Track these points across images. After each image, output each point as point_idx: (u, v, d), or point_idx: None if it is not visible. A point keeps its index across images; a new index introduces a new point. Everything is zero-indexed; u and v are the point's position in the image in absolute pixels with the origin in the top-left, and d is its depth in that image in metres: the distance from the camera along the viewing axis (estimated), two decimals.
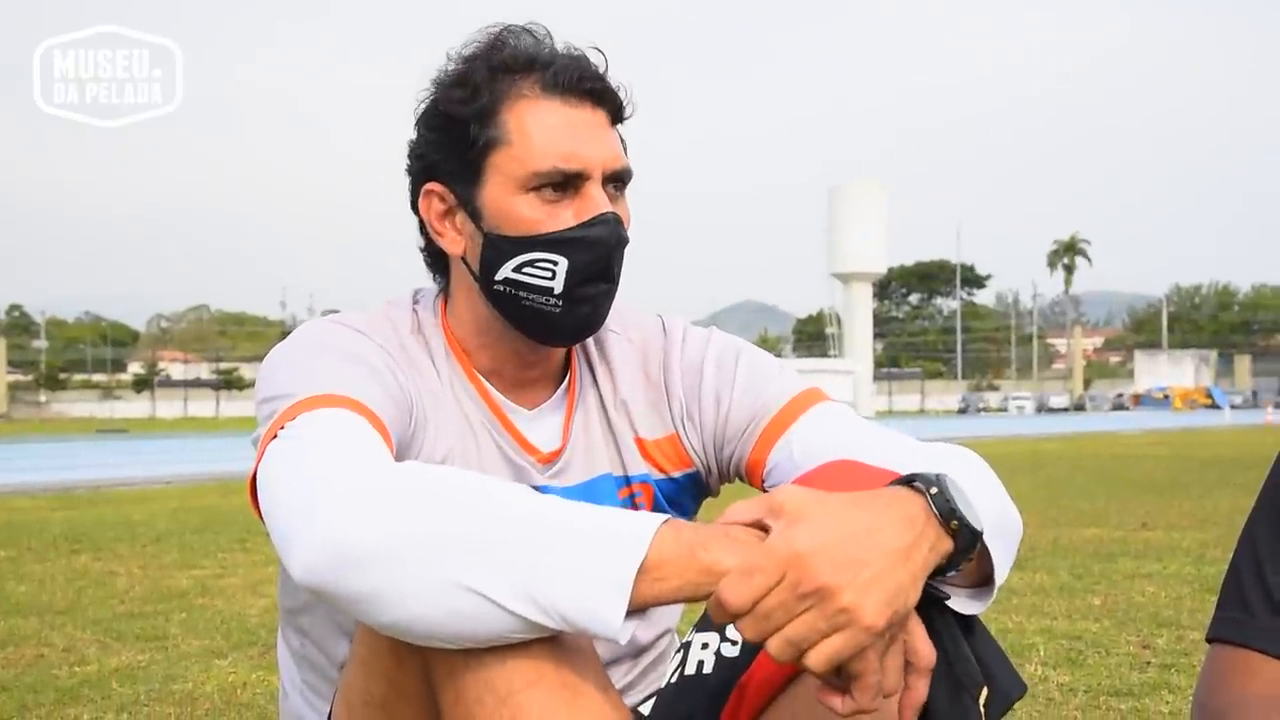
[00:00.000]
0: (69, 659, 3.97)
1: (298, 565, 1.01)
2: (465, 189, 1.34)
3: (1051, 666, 3.57)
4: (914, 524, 1.01)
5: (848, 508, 0.99)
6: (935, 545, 1.02)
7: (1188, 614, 4.37)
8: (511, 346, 1.39)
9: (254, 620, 4.64)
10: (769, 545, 0.96)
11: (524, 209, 1.31)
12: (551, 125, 1.31)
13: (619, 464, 1.42)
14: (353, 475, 1.04)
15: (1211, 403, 70.07)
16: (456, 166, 1.34)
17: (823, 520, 0.98)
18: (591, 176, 1.32)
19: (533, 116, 1.32)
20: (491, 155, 1.32)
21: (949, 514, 1.03)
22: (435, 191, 1.37)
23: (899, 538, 0.99)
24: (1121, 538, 6.84)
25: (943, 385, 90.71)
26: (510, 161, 1.31)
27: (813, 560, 0.95)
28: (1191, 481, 11.31)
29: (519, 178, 1.31)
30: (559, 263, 1.31)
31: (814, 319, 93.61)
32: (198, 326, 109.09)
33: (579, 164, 1.31)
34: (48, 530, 8.11)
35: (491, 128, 1.32)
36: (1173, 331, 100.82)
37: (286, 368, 1.26)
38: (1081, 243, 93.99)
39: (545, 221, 1.31)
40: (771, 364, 1.45)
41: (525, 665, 1.00)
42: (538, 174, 1.30)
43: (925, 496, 1.03)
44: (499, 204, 1.32)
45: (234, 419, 60.16)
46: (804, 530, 0.97)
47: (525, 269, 1.32)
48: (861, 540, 0.97)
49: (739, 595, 0.96)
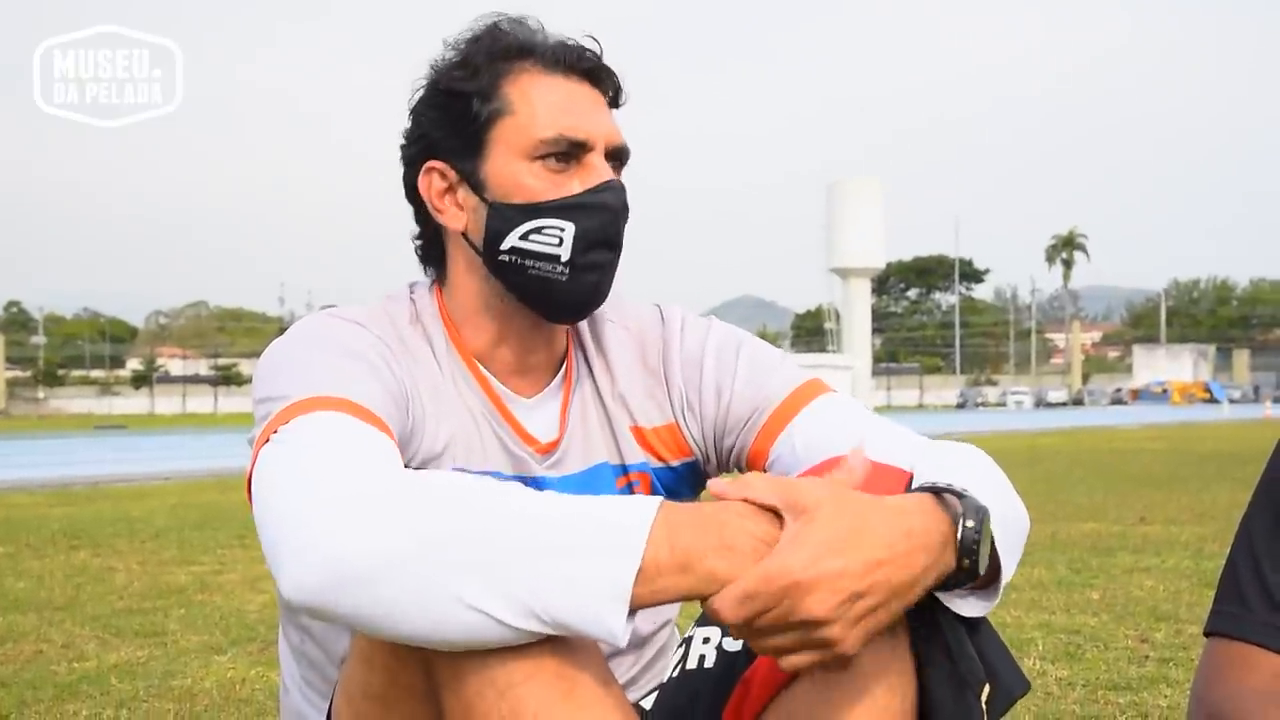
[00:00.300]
0: (68, 655, 3.97)
1: (287, 584, 1.00)
2: (468, 163, 1.35)
3: (1050, 661, 3.58)
4: (929, 552, 1.01)
5: (865, 527, 0.99)
6: (942, 572, 1.03)
7: (1186, 608, 4.38)
8: (513, 327, 1.39)
9: (253, 616, 4.64)
10: (768, 571, 0.97)
11: (529, 178, 1.32)
12: (554, 98, 1.33)
13: (616, 453, 1.42)
14: (344, 489, 1.03)
15: (1210, 397, 70.13)
16: (458, 142, 1.35)
17: (832, 539, 0.98)
18: (595, 147, 1.34)
19: (535, 89, 1.33)
20: (494, 127, 1.33)
21: (968, 552, 1.03)
22: (436, 169, 1.37)
23: (906, 569, 1.00)
24: (1120, 532, 6.84)
25: (941, 380, 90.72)
26: (514, 132, 1.32)
27: (810, 593, 0.96)
28: (1190, 476, 11.32)
29: (524, 146, 1.32)
30: (566, 229, 1.32)
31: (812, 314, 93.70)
32: (196, 323, 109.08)
33: (583, 134, 1.33)
34: (46, 526, 8.10)
35: (494, 101, 1.33)
36: (1171, 326, 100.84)
37: (283, 366, 1.25)
38: (1080, 237, 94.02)
39: (551, 190, 1.32)
40: (773, 355, 1.45)
41: (524, 659, 1.00)
42: (543, 141, 1.32)
43: (955, 524, 1.04)
44: (504, 174, 1.33)
45: (232, 415, 60.12)
46: (810, 551, 0.97)
47: (532, 235, 1.32)
48: (868, 572, 0.98)
49: (735, 615, 0.98)
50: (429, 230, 1.42)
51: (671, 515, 1.00)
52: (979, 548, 1.03)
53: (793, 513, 1.00)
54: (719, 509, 1.02)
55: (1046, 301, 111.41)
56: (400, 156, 1.42)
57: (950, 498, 1.05)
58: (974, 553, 1.03)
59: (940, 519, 1.03)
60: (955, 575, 1.05)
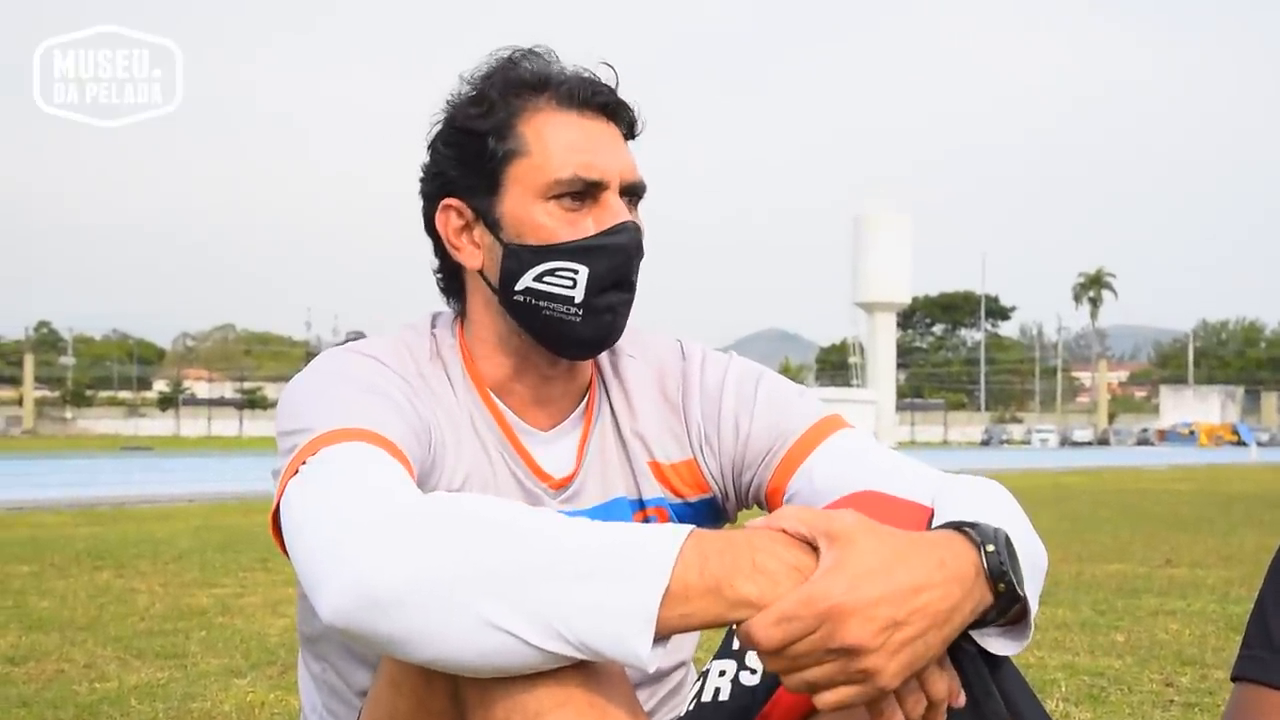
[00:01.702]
0: (89, 675, 3.99)
1: (326, 608, 1.02)
2: (483, 202, 1.35)
3: (1074, 703, 3.54)
4: (963, 583, 1.01)
5: (900, 556, 0.99)
6: (978, 605, 1.03)
7: (1212, 652, 4.33)
8: (531, 361, 1.39)
9: (274, 640, 4.65)
10: (809, 594, 0.96)
11: (544, 218, 1.32)
12: (569, 137, 1.33)
13: (634, 488, 1.42)
14: (374, 514, 1.04)
15: (1238, 440, 69.43)
16: (474, 180, 1.36)
17: (872, 567, 0.97)
18: (610, 186, 1.33)
19: (550, 128, 1.33)
20: (510, 167, 1.33)
21: (1000, 575, 1.03)
22: (453, 207, 1.38)
23: (945, 599, 0.99)
24: (1145, 574, 6.77)
25: (966, 417, 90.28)
26: (530, 171, 1.33)
27: (851, 618, 0.95)
28: (1217, 518, 11.20)
29: (539, 186, 1.32)
30: (580, 271, 1.32)
31: (837, 348, 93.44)
32: (223, 346, 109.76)
33: (598, 173, 1.32)
34: (71, 546, 8.15)
35: (509, 140, 1.33)
36: (1199, 367, 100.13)
37: (305, 400, 1.26)
38: (1108, 276, 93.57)
39: (565, 230, 1.32)
40: (791, 390, 1.45)
41: (554, 686, 1.00)
42: (558, 182, 1.32)
43: (980, 552, 1.03)
44: (519, 214, 1.33)
45: (257, 438, 60.37)
46: (849, 577, 0.96)
47: (546, 278, 1.32)
48: (907, 599, 0.97)
49: (770, 638, 0.97)
50: (448, 265, 1.42)
51: (702, 540, 1.00)
52: (1009, 571, 1.03)
53: (829, 540, 0.99)
54: (750, 534, 1.01)
55: (1073, 340, 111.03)
56: (419, 191, 1.42)
57: (970, 530, 1.05)
58: (1005, 576, 1.03)
59: (967, 549, 1.03)
60: (993, 605, 1.04)
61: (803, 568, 0.99)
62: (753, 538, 1.01)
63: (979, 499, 1.19)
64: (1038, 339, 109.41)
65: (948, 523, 1.07)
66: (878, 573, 0.97)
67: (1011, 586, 1.03)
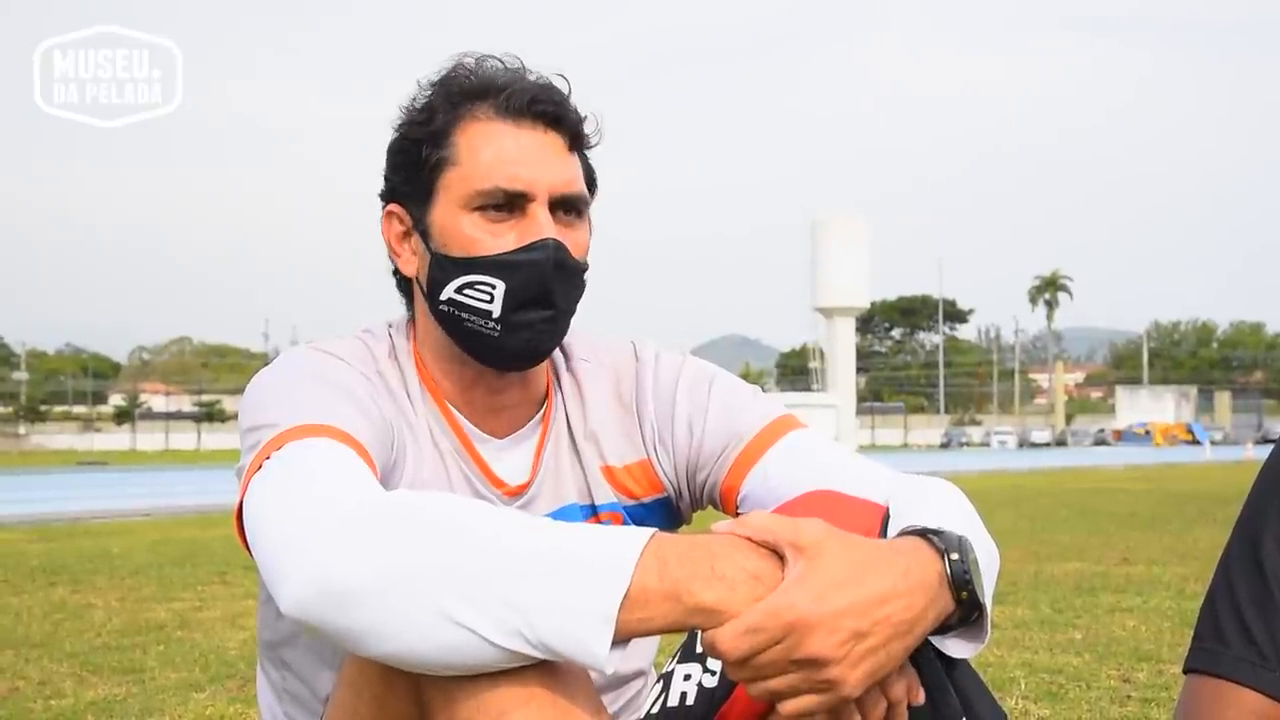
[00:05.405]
0: (44, 692, 3.93)
1: (287, 600, 1.02)
2: (419, 210, 1.36)
3: (1032, 700, 3.57)
4: (926, 592, 1.02)
5: (866, 567, 0.99)
6: (940, 613, 1.04)
7: (1168, 648, 4.38)
8: (474, 370, 1.39)
9: (233, 653, 4.61)
10: (775, 605, 0.97)
11: (467, 228, 1.32)
12: (499, 146, 1.32)
13: (586, 493, 1.42)
14: (339, 508, 1.04)
15: (1192, 439, 70.30)
16: (412, 188, 1.36)
17: (838, 578, 0.98)
18: (536, 199, 1.32)
19: (482, 138, 1.33)
20: (442, 176, 1.33)
21: (963, 584, 1.04)
22: (395, 213, 1.39)
23: (908, 609, 1.00)
24: (1102, 572, 6.85)
25: (925, 419, 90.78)
26: (457, 181, 1.33)
27: (816, 630, 0.96)
28: (1172, 516, 11.34)
29: (463, 196, 1.32)
30: (497, 286, 1.31)
31: (796, 353, 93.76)
32: (179, 359, 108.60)
33: (522, 184, 1.31)
34: (25, 562, 8.04)
35: (444, 148, 1.33)
36: (1153, 367, 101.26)
37: (270, 396, 1.26)
38: (1063, 279, 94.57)
39: (486, 242, 1.31)
40: (745, 390, 1.45)
41: (517, 685, 1.00)
42: (480, 193, 1.31)
43: (944, 560, 1.04)
44: (445, 224, 1.33)
45: (215, 451, 59.76)
46: (815, 589, 0.97)
47: (466, 290, 1.32)
48: (872, 610, 0.98)
49: (736, 649, 0.97)
50: (398, 270, 1.43)
51: (663, 545, 1.00)
52: (972, 578, 1.04)
53: (794, 551, 1.00)
54: (712, 540, 1.02)
55: (1030, 342, 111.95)
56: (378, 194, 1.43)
57: (933, 537, 1.06)
58: (968, 584, 1.04)
59: (931, 557, 1.04)
60: (955, 612, 1.05)
61: (762, 576, 0.99)
62: (714, 544, 1.01)
63: (935, 501, 1.19)
64: (995, 342, 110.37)
65: (910, 529, 1.08)
66: (844, 584, 0.98)
67: (974, 594, 1.04)
